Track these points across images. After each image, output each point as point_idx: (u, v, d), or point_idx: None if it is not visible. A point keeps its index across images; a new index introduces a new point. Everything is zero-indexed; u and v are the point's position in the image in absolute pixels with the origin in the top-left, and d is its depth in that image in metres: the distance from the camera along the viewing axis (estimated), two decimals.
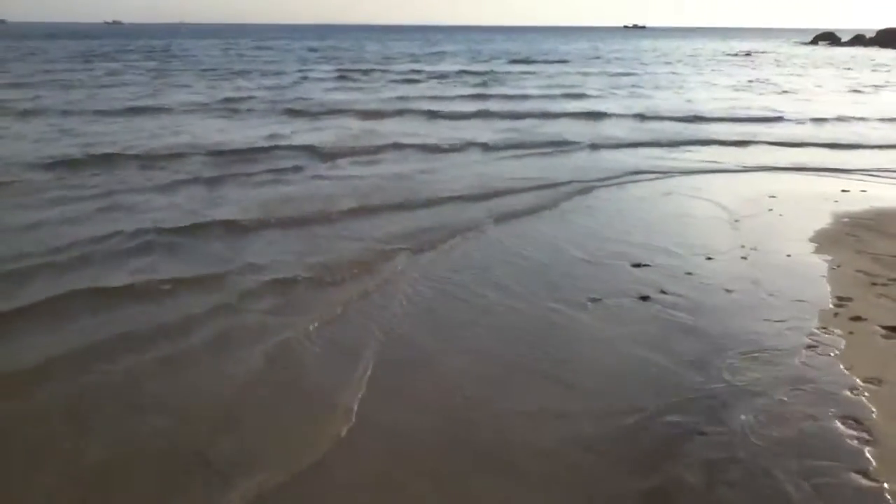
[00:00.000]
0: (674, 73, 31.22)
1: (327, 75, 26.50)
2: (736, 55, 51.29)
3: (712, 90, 22.52)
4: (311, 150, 10.57)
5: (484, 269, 5.67)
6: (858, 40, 70.79)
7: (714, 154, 11.09)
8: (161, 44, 56.33)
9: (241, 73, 26.56)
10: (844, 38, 73.78)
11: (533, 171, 9.51)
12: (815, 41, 78.22)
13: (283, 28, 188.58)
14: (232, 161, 9.87)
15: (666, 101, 18.74)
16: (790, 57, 48.62)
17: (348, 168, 9.58)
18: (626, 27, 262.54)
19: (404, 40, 76.55)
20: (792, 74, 31.23)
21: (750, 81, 26.15)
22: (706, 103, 18.28)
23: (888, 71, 34.16)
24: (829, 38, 78.22)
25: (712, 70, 34.03)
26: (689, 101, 19.01)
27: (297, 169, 9.38)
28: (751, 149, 11.70)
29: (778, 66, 38.19)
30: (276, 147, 10.89)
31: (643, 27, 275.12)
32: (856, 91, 23.00)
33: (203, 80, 23.74)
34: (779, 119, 15.38)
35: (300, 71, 28.51)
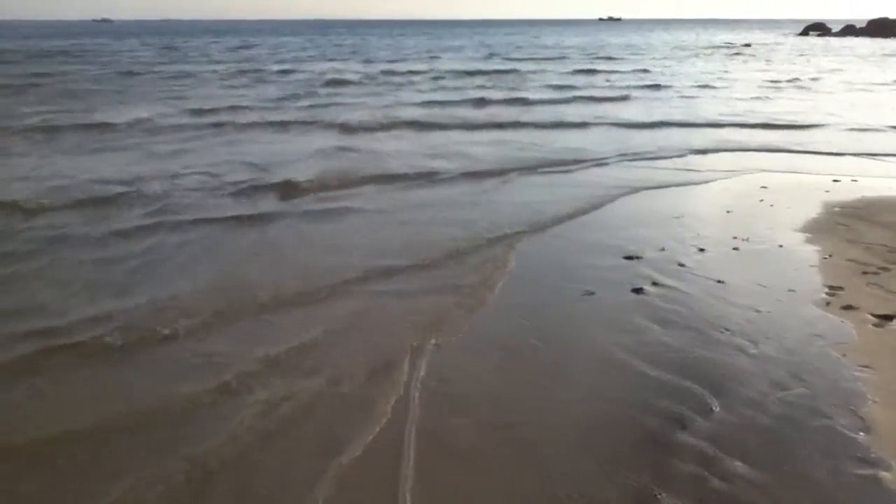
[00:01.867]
0: (693, 66, 30.00)
1: (320, 78, 24.59)
2: (745, 46, 50.48)
3: (741, 91, 20.42)
4: (289, 185, 8.39)
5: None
6: (850, 30, 71.00)
7: (736, 162, 10.04)
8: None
9: (235, 76, 25.24)
10: (835, 29, 73.94)
11: (550, 194, 8.20)
12: (805, 32, 78.23)
13: (278, 24, 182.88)
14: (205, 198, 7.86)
15: (690, 104, 17.27)
16: (795, 48, 47.73)
17: (331, 203, 7.83)
18: (601, 20, 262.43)
19: (395, 35, 76.05)
20: (821, 69, 29.58)
21: (790, 79, 24.03)
22: (734, 105, 16.94)
23: None
24: (819, 28, 78.20)
25: (732, 64, 32.90)
26: (715, 103, 17.57)
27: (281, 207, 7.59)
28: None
29: (791, 58, 36.99)
30: (260, 182, 8.60)
31: (619, 20, 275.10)
32: None
33: (186, 86, 21.32)
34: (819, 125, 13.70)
35: (296, 72, 27.12)
